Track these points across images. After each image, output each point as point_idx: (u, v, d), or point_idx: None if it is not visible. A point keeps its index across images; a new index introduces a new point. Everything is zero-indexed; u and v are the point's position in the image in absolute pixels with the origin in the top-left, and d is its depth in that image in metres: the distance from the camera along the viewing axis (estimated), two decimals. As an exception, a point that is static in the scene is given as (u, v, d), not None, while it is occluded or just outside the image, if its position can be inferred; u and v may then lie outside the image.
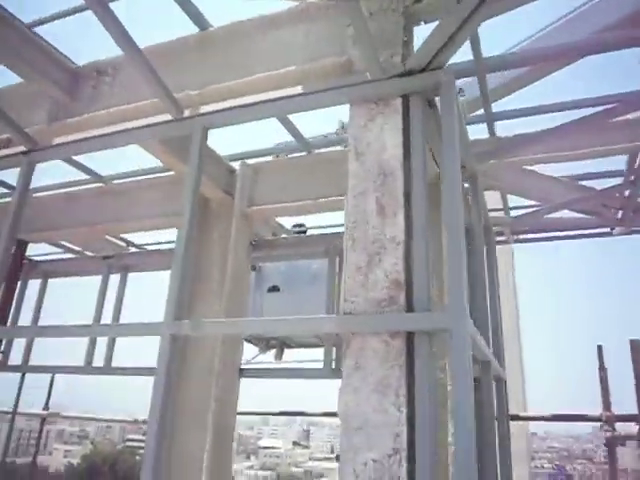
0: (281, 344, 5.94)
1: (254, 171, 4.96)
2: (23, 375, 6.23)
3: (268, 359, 5.97)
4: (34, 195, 6.24)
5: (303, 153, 4.97)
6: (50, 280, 6.87)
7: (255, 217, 4.92)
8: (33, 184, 6.89)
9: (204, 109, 3.11)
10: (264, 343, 5.80)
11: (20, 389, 6.32)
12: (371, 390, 2.11)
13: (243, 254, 4.76)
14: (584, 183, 5.18)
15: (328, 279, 4.76)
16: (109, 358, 5.48)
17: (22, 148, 3.52)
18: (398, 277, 2.24)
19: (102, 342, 5.63)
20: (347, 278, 2.32)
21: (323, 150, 4.80)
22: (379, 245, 2.32)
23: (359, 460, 2.03)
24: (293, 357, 6.04)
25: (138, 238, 6.97)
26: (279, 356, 5.96)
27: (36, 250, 6.99)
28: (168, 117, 3.16)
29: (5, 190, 6.12)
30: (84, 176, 5.80)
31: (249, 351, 5.97)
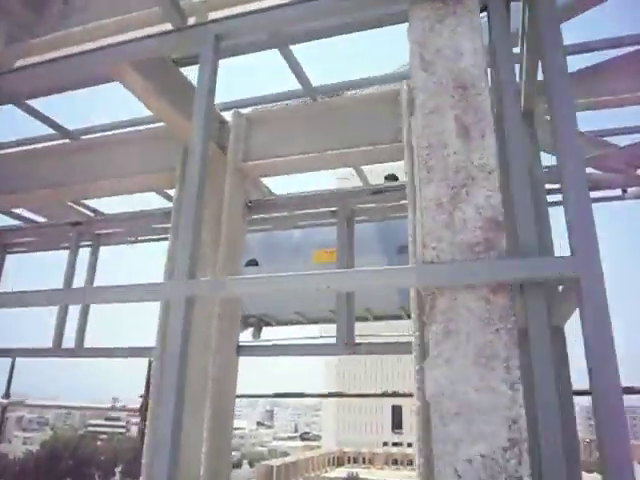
0: (259, 322, 5.40)
1: (248, 122, 4.33)
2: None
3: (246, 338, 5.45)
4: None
5: (303, 101, 4.35)
6: (10, 257, 6.05)
7: (250, 174, 4.30)
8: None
9: (212, 16, 2.47)
10: (241, 321, 5.24)
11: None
12: (470, 362, 1.58)
13: (238, 216, 4.15)
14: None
15: (340, 248, 4.16)
16: (80, 339, 4.80)
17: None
18: (494, 214, 1.71)
19: (71, 322, 4.93)
20: (425, 218, 1.77)
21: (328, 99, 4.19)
22: (465, 175, 1.78)
23: (461, 456, 1.50)
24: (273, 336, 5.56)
25: (107, 207, 6.23)
26: (257, 334, 5.43)
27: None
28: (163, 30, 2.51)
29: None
30: (47, 131, 5.03)
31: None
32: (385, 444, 70.11)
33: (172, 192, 5.71)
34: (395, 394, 6.13)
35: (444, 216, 1.75)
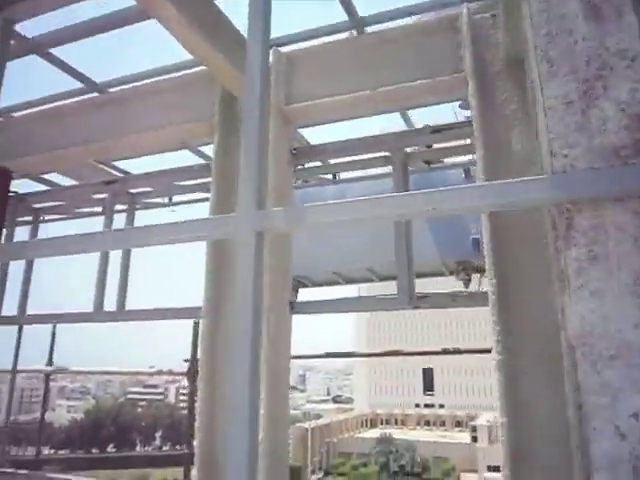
0: (295, 284, 5.14)
1: (289, 60, 3.97)
2: (20, 328, 5.35)
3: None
4: (12, 115, 5.20)
5: (348, 34, 3.95)
6: (43, 226, 5.86)
7: (294, 118, 3.95)
8: (9, 100, 5.84)
9: None
10: None
11: (19, 343, 5.45)
12: (626, 292, 1.25)
13: (284, 164, 3.83)
14: None
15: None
16: (122, 301, 4.60)
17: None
18: (644, 109, 1.34)
19: (111, 286, 4.72)
20: (551, 120, 1.42)
21: (379, 27, 3.79)
22: (599, 65, 1.41)
23: (622, 409, 1.19)
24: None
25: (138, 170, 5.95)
26: (293, 296, 5.18)
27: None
28: None
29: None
30: (71, 85, 4.76)
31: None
32: (417, 406, 70.87)
33: (204, 149, 5.45)
34: (456, 351, 5.78)
35: (576, 116, 1.40)
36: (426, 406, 70.49)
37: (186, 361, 5.82)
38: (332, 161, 4.52)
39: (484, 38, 3.49)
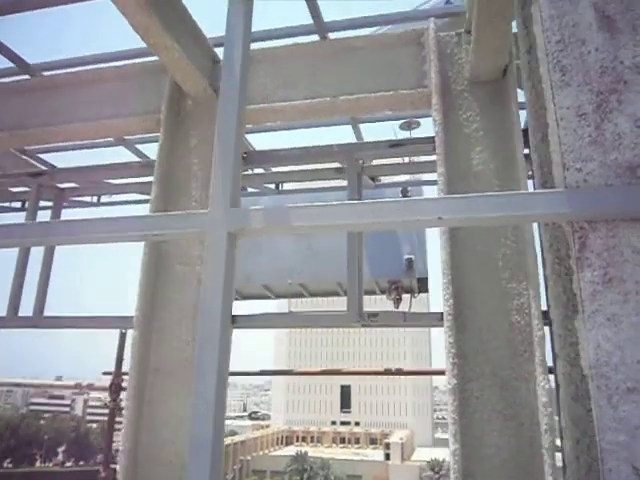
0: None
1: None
2: None
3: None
4: None
5: (312, 38, 3.82)
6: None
7: (249, 120, 3.74)
8: None
9: None
10: None
11: None
12: (645, 320, 1.16)
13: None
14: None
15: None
16: (39, 306, 4.13)
17: None
18: (661, 128, 1.28)
19: (29, 288, 4.23)
20: (563, 131, 1.32)
21: (344, 34, 3.68)
22: (613, 78, 1.34)
23: (641, 449, 1.08)
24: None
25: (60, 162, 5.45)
26: None
27: None
28: None
29: None
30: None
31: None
32: (333, 423, 71.16)
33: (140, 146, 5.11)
34: (400, 372, 5.65)
35: (589, 129, 1.31)
36: (342, 423, 70.98)
37: (105, 374, 5.38)
38: (276, 169, 4.35)
39: (449, 55, 3.47)
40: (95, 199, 5.21)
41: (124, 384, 4.96)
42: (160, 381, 3.18)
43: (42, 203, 5.25)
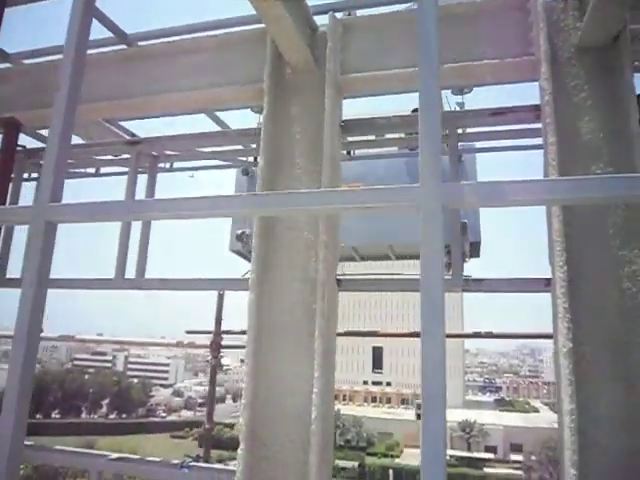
0: None
1: (345, 28, 3.80)
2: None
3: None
4: (26, 62, 4.82)
5: (408, 5, 3.82)
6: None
7: (347, 89, 3.79)
8: (22, 46, 5.42)
9: None
10: None
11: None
12: None
13: (337, 137, 3.68)
14: None
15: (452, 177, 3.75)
16: (141, 269, 4.35)
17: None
18: None
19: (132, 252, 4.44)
20: None
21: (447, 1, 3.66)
22: None
23: None
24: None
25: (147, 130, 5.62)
26: None
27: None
28: None
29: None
30: (99, 34, 4.43)
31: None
32: (365, 383, 72.45)
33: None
34: (491, 335, 5.76)
35: None
36: (374, 384, 72.29)
37: (190, 332, 5.66)
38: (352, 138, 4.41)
39: (555, 22, 3.43)
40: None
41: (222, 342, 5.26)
42: (275, 340, 3.37)
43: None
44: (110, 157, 5.30)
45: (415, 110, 4.88)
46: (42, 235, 1.78)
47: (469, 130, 4.01)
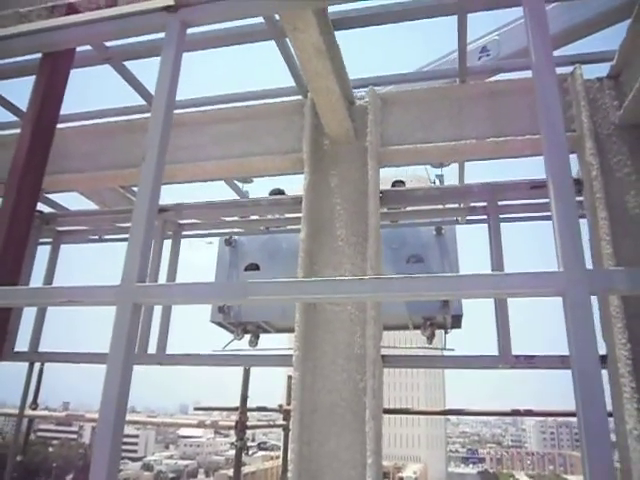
0: (257, 329, 4.91)
1: (384, 102, 3.83)
2: (31, 365, 4.66)
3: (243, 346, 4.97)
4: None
5: (446, 81, 3.89)
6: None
7: (386, 159, 3.78)
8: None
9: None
10: (241, 328, 4.80)
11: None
12: None
13: (378, 207, 3.62)
14: None
15: (492, 251, 3.69)
16: (163, 343, 4.11)
17: (146, 3, 2.21)
18: None
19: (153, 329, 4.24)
20: None
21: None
22: None
23: None
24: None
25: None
26: (254, 342, 4.97)
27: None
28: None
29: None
30: (128, 101, 4.42)
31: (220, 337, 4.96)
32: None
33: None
34: (531, 413, 5.49)
35: None
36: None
37: (198, 409, 5.33)
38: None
39: (592, 100, 3.52)
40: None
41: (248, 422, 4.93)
42: (320, 422, 3.15)
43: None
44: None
45: (396, 183, 4.92)
46: (129, 316, 1.62)
47: (505, 202, 3.99)
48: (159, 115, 1.93)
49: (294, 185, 5.08)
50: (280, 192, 5.14)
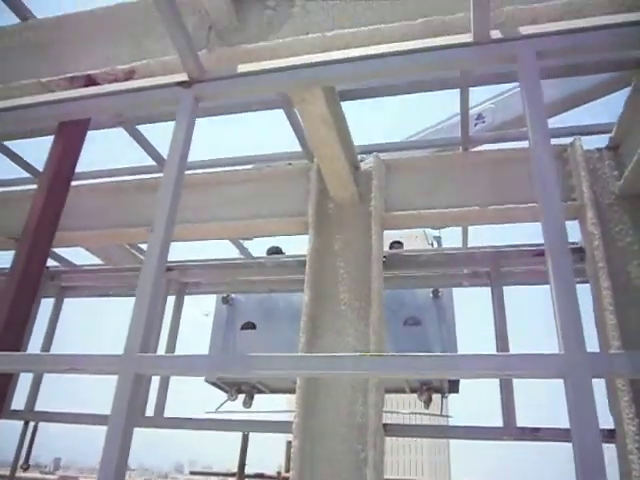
0: (251, 389, 4.84)
1: (387, 168, 3.93)
2: (26, 423, 4.57)
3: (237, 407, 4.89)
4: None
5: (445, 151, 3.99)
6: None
7: (389, 224, 3.83)
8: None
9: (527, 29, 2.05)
10: (235, 388, 4.74)
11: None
12: None
13: (381, 271, 3.64)
14: None
15: (495, 318, 3.68)
16: (161, 407, 4.05)
17: (161, 78, 2.32)
18: None
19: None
20: None
21: (483, 148, 3.84)
22: None
23: None
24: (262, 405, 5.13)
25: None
26: (248, 403, 4.88)
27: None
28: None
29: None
30: (134, 164, 4.54)
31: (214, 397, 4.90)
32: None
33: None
34: None
35: None
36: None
37: (194, 474, 5.17)
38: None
39: (593, 170, 3.59)
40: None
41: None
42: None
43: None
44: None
45: (394, 244, 4.96)
46: (130, 386, 1.62)
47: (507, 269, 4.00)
48: (169, 187, 1.99)
49: (291, 244, 5.14)
50: (278, 250, 5.19)
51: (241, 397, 4.91)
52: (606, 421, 3.12)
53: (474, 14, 1.89)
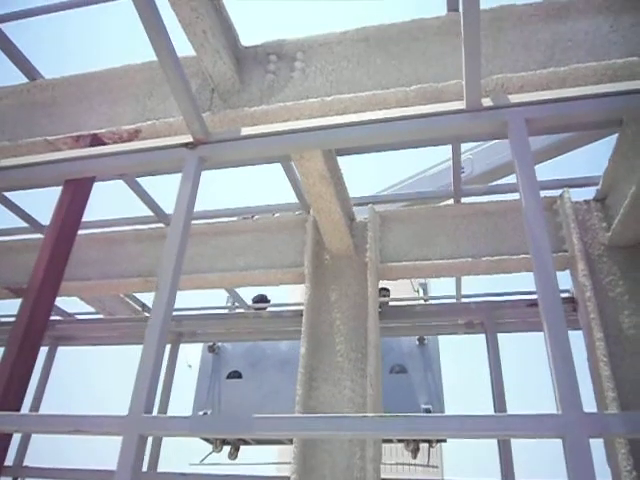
0: (237, 440, 4.78)
1: (382, 219, 4.02)
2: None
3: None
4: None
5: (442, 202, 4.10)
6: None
7: (385, 275, 3.90)
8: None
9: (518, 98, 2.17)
10: (219, 440, 4.68)
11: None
12: None
13: (377, 323, 3.68)
14: None
15: (493, 363, 3.71)
16: (154, 460, 3.97)
17: (166, 139, 2.40)
18: None
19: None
20: None
21: (478, 200, 3.94)
22: None
23: None
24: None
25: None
26: (234, 455, 4.83)
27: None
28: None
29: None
30: (132, 214, 4.60)
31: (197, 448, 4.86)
32: None
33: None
34: None
35: None
36: None
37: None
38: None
39: (581, 222, 3.69)
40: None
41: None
42: None
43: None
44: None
45: (381, 290, 5.01)
46: (135, 447, 1.63)
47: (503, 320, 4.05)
48: (174, 245, 2.04)
49: (277, 291, 5.16)
50: (263, 298, 5.21)
51: (226, 448, 4.89)
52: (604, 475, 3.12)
53: (466, 82, 2.00)
